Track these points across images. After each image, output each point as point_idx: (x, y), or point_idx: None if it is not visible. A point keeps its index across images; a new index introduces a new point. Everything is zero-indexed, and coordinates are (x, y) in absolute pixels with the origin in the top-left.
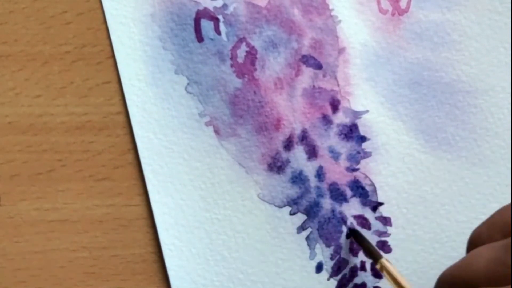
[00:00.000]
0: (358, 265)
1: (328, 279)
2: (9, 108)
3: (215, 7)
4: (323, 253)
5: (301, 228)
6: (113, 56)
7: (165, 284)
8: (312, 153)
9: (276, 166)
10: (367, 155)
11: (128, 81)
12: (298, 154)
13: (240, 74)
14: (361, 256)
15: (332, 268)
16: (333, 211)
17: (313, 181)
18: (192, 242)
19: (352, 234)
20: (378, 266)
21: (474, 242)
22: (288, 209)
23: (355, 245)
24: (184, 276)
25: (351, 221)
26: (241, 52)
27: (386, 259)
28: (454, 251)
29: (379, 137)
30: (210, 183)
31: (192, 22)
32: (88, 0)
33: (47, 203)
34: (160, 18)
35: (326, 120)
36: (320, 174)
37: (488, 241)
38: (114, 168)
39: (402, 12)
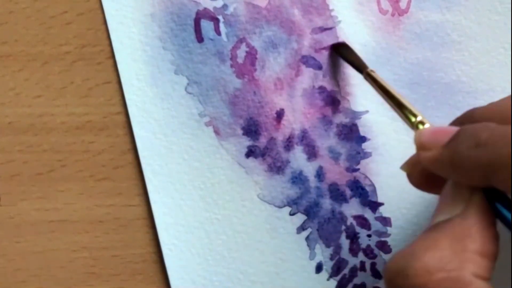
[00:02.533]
0: (358, 265)
1: (328, 279)
2: (9, 108)
3: (215, 8)
4: (322, 253)
5: (301, 228)
6: (113, 56)
7: (165, 284)
8: (312, 153)
9: (276, 166)
10: (367, 155)
11: (128, 81)
12: (298, 154)
13: (240, 74)
14: (361, 256)
15: (332, 268)
16: (333, 211)
17: (313, 182)
18: (191, 242)
19: (337, 48)
20: (363, 76)
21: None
22: (288, 209)
23: (354, 246)
24: (184, 276)
25: (351, 221)
26: (241, 53)
27: (372, 70)
28: None
29: (379, 138)
30: (210, 183)
31: (192, 22)
32: (88, 0)
33: (47, 203)
34: (160, 18)
35: (326, 121)
36: (320, 174)
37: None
38: (114, 168)
39: (402, 12)
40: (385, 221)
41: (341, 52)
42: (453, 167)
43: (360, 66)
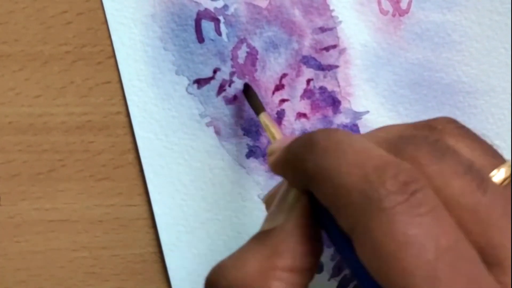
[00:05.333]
0: None
1: (329, 280)
2: (9, 108)
3: (215, 8)
4: (323, 253)
5: None
6: (113, 56)
7: (165, 284)
8: None
9: None
10: None
11: (129, 81)
12: None
13: (240, 74)
14: None
15: (333, 269)
16: None
17: None
18: (192, 243)
19: (245, 88)
20: (260, 120)
21: None
22: None
23: None
24: (184, 277)
25: None
26: (242, 53)
27: (268, 114)
28: None
29: None
30: (210, 184)
31: (193, 23)
32: (88, 0)
33: (47, 203)
34: (161, 18)
35: (327, 121)
36: None
37: None
38: (114, 168)
39: (402, 12)
40: None
41: (246, 93)
42: (286, 166)
43: (258, 109)
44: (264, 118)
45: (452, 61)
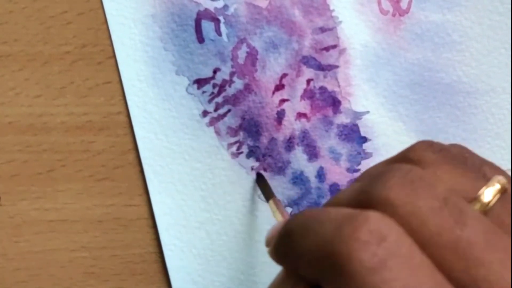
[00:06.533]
0: None
1: None
2: (9, 108)
3: (216, 8)
4: None
5: None
6: (113, 56)
7: (165, 284)
8: (312, 154)
9: (276, 167)
10: (367, 156)
11: (129, 81)
12: (299, 155)
13: (240, 75)
14: None
15: None
16: None
17: (313, 182)
18: (192, 243)
19: (258, 177)
20: (269, 205)
21: None
22: (288, 210)
23: None
24: (184, 277)
25: None
26: (242, 53)
27: (278, 200)
28: None
29: (379, 138)
30: (211, 184)
31: (193, 23)
32: (88, 0)
33: (47, 203)
34: (161, 19)
35: (327, 121)
36: (320, 175)
37: None
38: (114, 168)
39: (402, 12)
40: None
41: (259, 182)
42: (277, 255)
43: (268, 195)
44: (272, 204)
45: (452, 61)
